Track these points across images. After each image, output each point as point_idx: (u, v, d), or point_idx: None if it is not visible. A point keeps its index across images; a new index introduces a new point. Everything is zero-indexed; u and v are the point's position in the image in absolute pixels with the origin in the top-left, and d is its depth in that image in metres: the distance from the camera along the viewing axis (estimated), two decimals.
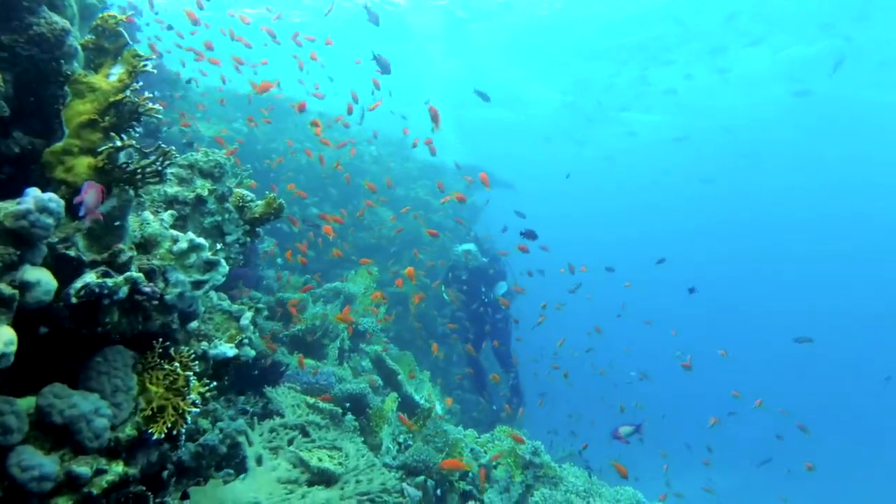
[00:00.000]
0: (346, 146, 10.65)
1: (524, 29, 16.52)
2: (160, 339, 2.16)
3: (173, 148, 2.10)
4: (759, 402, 7.04)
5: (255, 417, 3.69)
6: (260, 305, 2.93)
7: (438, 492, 4.03)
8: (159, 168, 2.05)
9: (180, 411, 1.98)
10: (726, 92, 19.44)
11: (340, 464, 3.60)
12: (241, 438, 3.29)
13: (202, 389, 2.15)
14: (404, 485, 3.70)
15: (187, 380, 2.03)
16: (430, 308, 9.87)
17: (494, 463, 4.22)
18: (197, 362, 2.42)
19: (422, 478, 4.03)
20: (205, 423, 3.35)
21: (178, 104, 7.78)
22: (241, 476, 3.11)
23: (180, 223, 2.58)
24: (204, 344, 2.46)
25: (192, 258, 2.31)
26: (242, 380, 4.35)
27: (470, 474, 4.11)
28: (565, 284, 8.47)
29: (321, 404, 4.08)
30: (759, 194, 34.63)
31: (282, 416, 3.84)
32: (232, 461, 3.22)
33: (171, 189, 2.55)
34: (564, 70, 19.25)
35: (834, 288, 35.47)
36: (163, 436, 1.93)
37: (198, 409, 2.01)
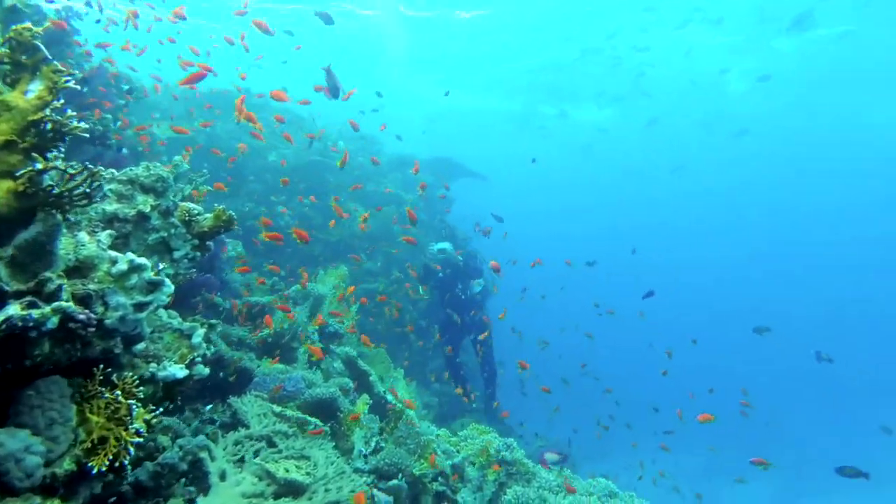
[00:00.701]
0: (314, 143, 10.54)
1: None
2: (101, 366, 2.08)
3: (101, 168, 2.00)
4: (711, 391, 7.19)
5: (220, 430, 3.62)
6: (213, 321, 2.85)
7: (412, 495, 4.00)
8: (87, 190, 1.95)
9: (122, 442, 1.90)
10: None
11: (308, 473, 3.54)
12: (203, 454, 3.21)
13: (148, 416, 2.08)
14: (374, 491, 3.66)
15: (130, 408, 1.95)
16: (405, 303, 9.82)
17: (467, 462, 4.20)
18: (144, 386, 2.34)
19: (394, 481, 4.00)
20: (164, 439, 3.26)
21: (133, 106, 7.57)
22: (203, 493, 3.04)
23: (121, 242, 2.48)
24: (153, 366, 2.38)
25: (134, 279, 2.22)
26: (209, 389, 4.27)
27: (442, 475, 4.09)
28: (538, 276, 8.49)
29: (289, 412, 4.01)
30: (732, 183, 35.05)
31: (247, 426, 3.76)
32: (194, 478, 3.15)
33: (110, 206, 2.45)
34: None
35: (803, 276, 36.23)
36: (104, 468, 1.85)
37: (141, 439, 1.94)
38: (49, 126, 1.92)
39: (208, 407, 4.13)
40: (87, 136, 1.99)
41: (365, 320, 8.75)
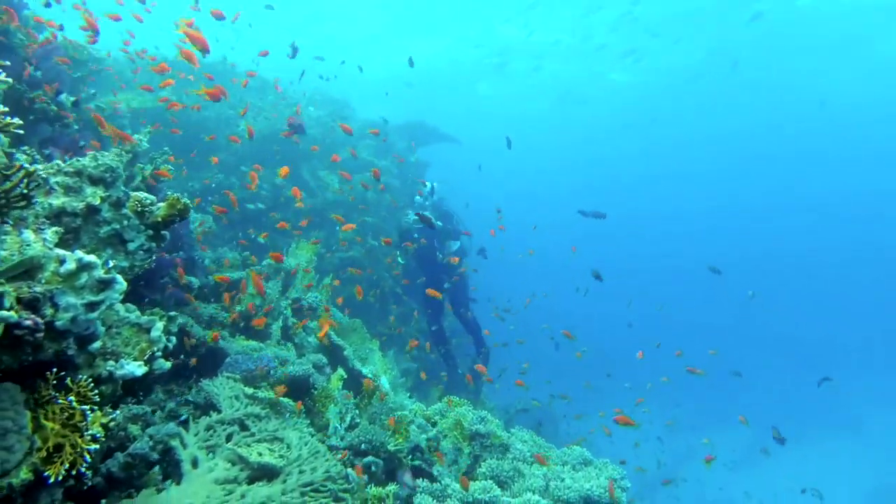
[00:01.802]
0: (285, 112, 10.31)
1: None
2: (54, 370, 2.03)
3: (39, 167, 1.91)
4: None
5: (192, 416, 3.60)
6: (173, 313, 2.79)
7: (388, 470, 4.05)
8: (25, 191, 1.86)
9: (79, 449, 1.87)
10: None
11: (282, 456, 3.55)
12: (175, 442, 3.20)
13: (105, 420, 2.04)
14: (349, 470, 3.69)
15: (84, 414, 1.91)
16: (381, 270, 9.80)
17: (442, 436, 4.25)
18: (103, 386, 2.30)
19: (370, 458, 4.04)
20: (135, 429, 3.24)
21: (98, 78, 7.28)
22: (176, 482, 3.04)
23: (71, 237, 2.40)
24: (110, 363, 2.33)
25: (84, 278, 2.15)
26: (182, 369, 4.24)
27: (418, 449, 4.13)
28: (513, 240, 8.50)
29: (261, 393, 4.00)
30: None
31: (219, 411, 3.74)
32: (166, 467, 3.14)
33: (57, 201, 2.36)
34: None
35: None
36: (60, 477, 1.82)
37: (98, 445, 1.90)
38: None
39: (181, 391, 4.12)
40: (20, 133, 1.89)
41: (341, 290, 8.72)
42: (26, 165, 1.86)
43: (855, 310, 24.98)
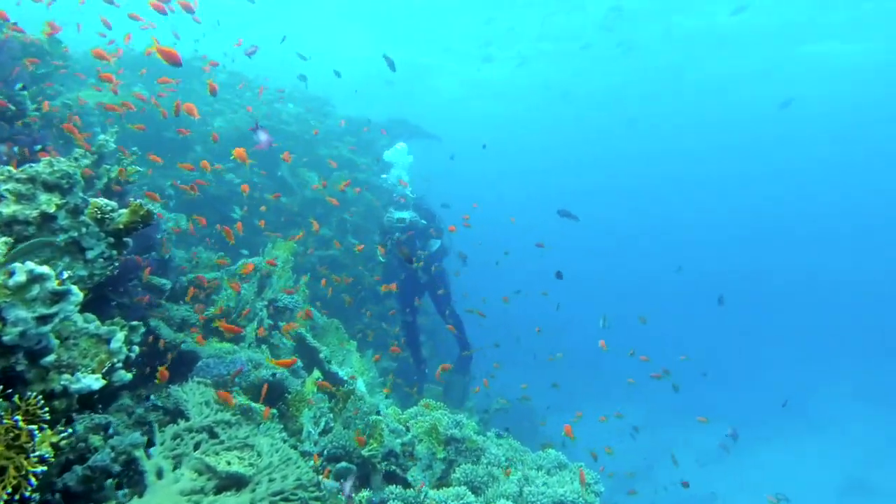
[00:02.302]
0: (262, 108, 10.17)
1: None
2: (2, 387, 1.95)
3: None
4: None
5: (157, 425, 3.51)
6: (135, 323, 2.71)
7: (361, 475, 4.01)
8: None
9: (23, 472, 1.79)
10: None
11: (252, 464, 3.48)
12: (138, 452, 3.12)
13: (55, 439, 1.96)
14: (320, 477, 3.64)
15: (31, 434, 1.84)
16: (361, 268, 9.72)
17: (417, 440, 4.20)
18: (57, 401, 2.22)
19: (343, 463, 3.98)
20: (96, 439, 3.15)
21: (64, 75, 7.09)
22: (139, 494, 2.96)
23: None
24: (65, 378, 2.25)
25: (35, 290, 2.07)
26: (152, 373, 4.16)
27: (392, 454, 4.09)
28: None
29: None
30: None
31: (188, 418, 3.66)
32: (128, 479, 3.06)
33: (7, 209, 2.27)
34: None
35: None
36: (2, 502, 1.75)
37: (46, 467, 1.83)
38: None
39: (151, 395, 4.03)
40: None
41: (319, 289, 8.65)
42: None
43: (825, 307, 25.39)
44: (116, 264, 2.71)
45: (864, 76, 20.86)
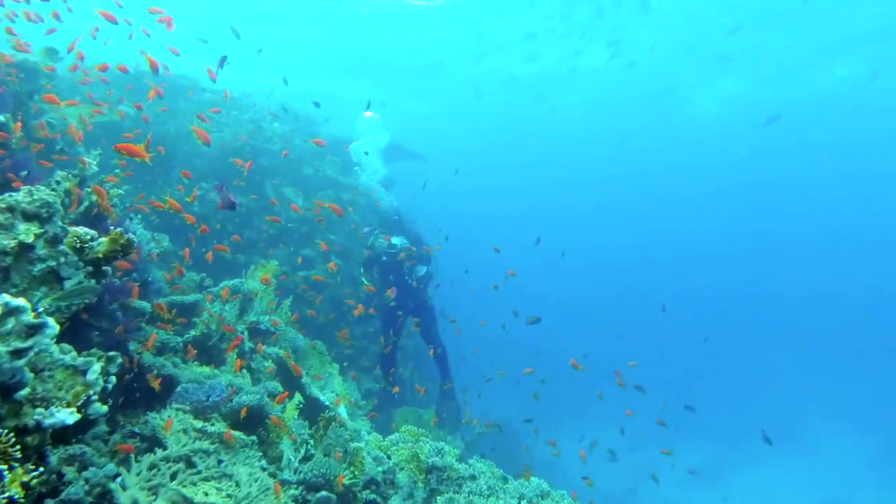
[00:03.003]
0: (247, 126, 10.16)
1: None
2: None
3: None
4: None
5: (134, 455, 3.45)
6: (112, 353, 2.67)
7: None
8: None
9: None
10: None
11: (230, 495, 3.43)
12: (113, 485, 3.05)
13: (26, 478, 1.92)
14: None
15: (0, 475, 1.80)
16: (343, 288, 9.67)
17: (399, 468, 4.17)
18: (30, 436, 2.18)
19: (323, 492, 3.93)
20: (70, 471, 3.08)
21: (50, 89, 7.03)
22: None
23: (1, 276, 2.28)
24: (39, 412, 2.21)
25: (10, 324, 2.04)
26: (131, 398, 4.09)
27: (373, 482, 4.05)
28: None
29: (210, 427, 3.87)
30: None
31: (165, 447, 3.60)
32: None
33: None
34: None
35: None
36: None
37: None
38: None
39: (127, 423, 3.96)
40: None
41: (300, 309, 8.59)
42: None
43: (810, 327, 25.73)
44: (94, 293, 2.68)
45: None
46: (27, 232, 2.32)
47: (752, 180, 34.83)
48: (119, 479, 3.13)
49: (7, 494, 1.78)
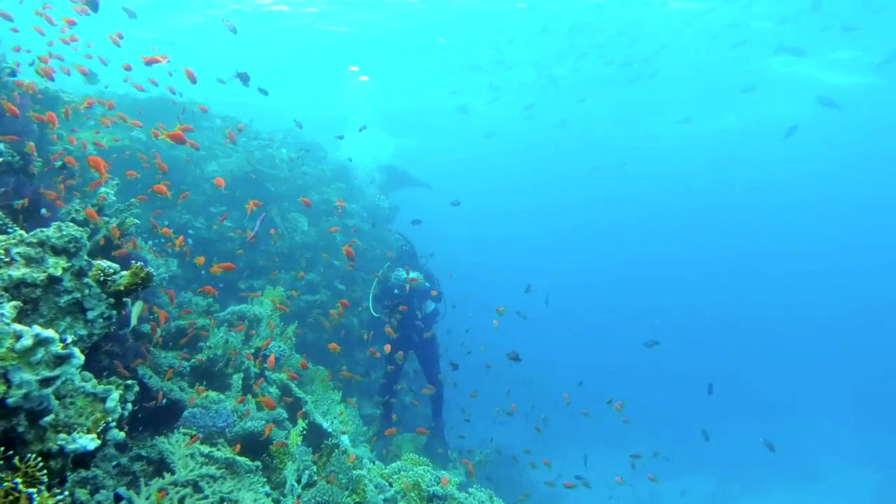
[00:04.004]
0: (255, 153, 10.36)
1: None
2: (2, 449, 2.02)
3: (13, 262, 1.94)
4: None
5: (143, 478, 3.54)
6: (130, 381, 2.79)
7: None
8: None
9: None
10: None
11: None
12: None
13: (51, 502, 2.03)
14: None
15: (30, 498, 1.90)
16: (349, 315, 9.77)
17: (400, 496, 4.24)
18: (53, 461, 2.28)
19: None
20: (83, 494, 3.18)
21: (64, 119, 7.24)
22: None
23: (30, 307, 2.41)
24: (62, 438, 2.32)
25: (40, 354, 2.16)
26: (139, 421, 4.18)
27: None
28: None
29: (217, 453, 3.96)
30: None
31: (173, 471, 3.69)
32: None
33: (17, 272, 2.37)
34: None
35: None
36: None
37: None
38: None
39: (135, 446, 4.05)
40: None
41: (306, 334, 8.69)
42: None
43: (814, 361, 25.60)
44: (114, 322, 2.81)
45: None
46: (56, 266, 2.46)
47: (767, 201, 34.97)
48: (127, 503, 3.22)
49: None
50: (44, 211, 3.54)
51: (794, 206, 35.51)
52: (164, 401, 4.55)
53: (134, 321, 3.79)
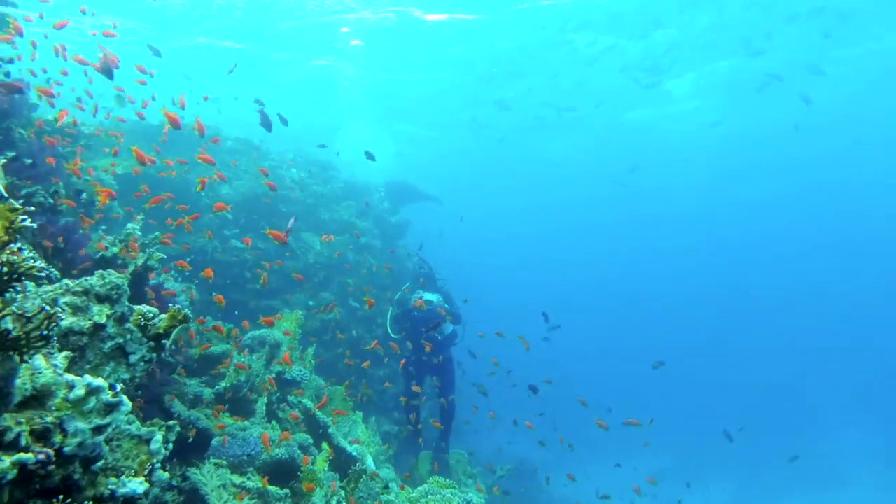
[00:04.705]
0: (266, 173, 10.45)
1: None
2: (60, 497, 2.09)
3: (59, 309, 2.02)
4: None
5: None
6: (171, 423, 2.86)
7: None
8: (45, 332, 1.97)
9: None
10: None
11: None
12: None
13: None
14: None
15: None
16: (362, 331, 9.85)
17: None
18: None
19: None
20: None
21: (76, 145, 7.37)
22: None
23: (77, 355, 2.49)
24: (112, 481, 2.39)
25: (91, 402, 2.24)
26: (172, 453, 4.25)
27: None
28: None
29: (249, 483, 4.02)
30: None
31: (206, 502, 3.76)
32: None
33: (66, 321, 2.46)
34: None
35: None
36: None
37: None
38: (6, 269, 1.93)
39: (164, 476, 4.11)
40: (41, 275, 2.00)
41: (320, 352, 8.75)
42: (47, 308, 1.96)
43: (840, 365, 25.31)
44: (154, 364, 2.88)
45: None
46: (100, 313, 2.54)
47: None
48: None
49: None
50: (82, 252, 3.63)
51: (829, 207, 35.21)
52: (195, 431, 4.63)
53: (167, 349, 3.86)
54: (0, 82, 4.46)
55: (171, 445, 2.88)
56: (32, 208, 2.14)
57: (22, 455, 1.86)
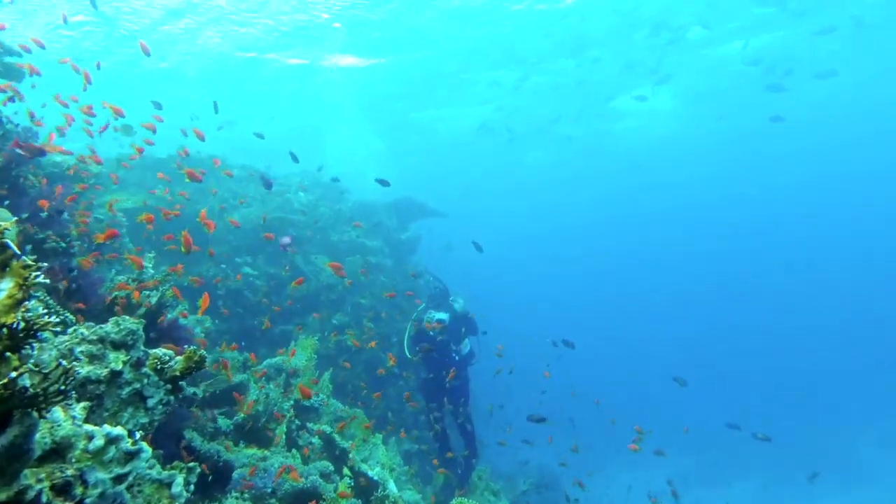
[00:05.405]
0: (275, 199, 10.54)
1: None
2: None
3: (77, 362, 2.03)
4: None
5: None
6: (192, 464, 2.86)
7: None
8: (62, 387, 1.98)
9: None
10: None
11: None
12: None
13: None
14: None
15: None
16: (378, 351, 9.83)
17: None
18: None
19: None
20: None
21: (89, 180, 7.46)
22: None
23: (95, 403, 2.50)
24: None
25: (111, 452, 2.24)
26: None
27: None
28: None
29: None
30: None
31: None
32: None
33: (83, 370, 2.47)
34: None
35: None
36: None
37: None
38: (21, 325, 1.94)
39: None
40: (56, 331, 2.01)
41: (336, 374, 8.74)
42: (63, 363, 1.97)
43: (863, 356, 24.85)
44: (172, 407, 2.89)
45: None
46: (116, 360, 2.55)
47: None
48: None
49: None
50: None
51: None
52: (212, 464, 4.63)
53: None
54: (25, 144, 4.54)
55: (192, 487, 2.88)
56: (45, 264, 2.16)
57: None
